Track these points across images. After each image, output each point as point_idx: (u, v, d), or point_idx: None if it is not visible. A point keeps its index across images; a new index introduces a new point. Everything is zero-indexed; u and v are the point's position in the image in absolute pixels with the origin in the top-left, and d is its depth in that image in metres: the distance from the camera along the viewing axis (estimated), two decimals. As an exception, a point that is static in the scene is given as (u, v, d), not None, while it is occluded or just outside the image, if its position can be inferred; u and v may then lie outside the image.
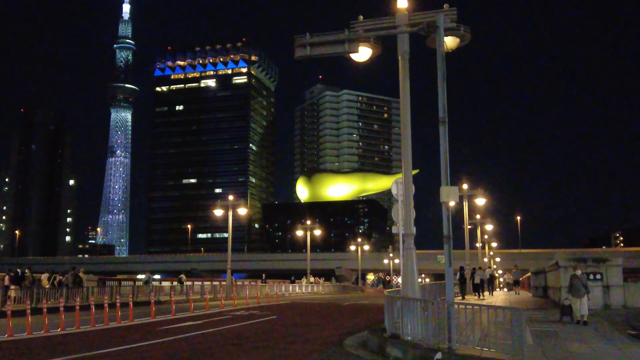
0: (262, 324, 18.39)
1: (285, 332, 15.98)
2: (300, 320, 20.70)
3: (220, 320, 19.81)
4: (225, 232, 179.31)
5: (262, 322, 19.05)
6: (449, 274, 11.07)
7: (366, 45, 13.19)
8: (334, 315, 23.04)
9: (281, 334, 15.60)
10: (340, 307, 29.14)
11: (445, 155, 11.09)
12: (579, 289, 16.33)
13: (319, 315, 23.49)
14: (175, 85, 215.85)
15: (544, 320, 17.43)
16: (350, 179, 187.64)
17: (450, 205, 11.10)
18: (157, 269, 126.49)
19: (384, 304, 13.15)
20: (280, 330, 16.67)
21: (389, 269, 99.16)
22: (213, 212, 51.85)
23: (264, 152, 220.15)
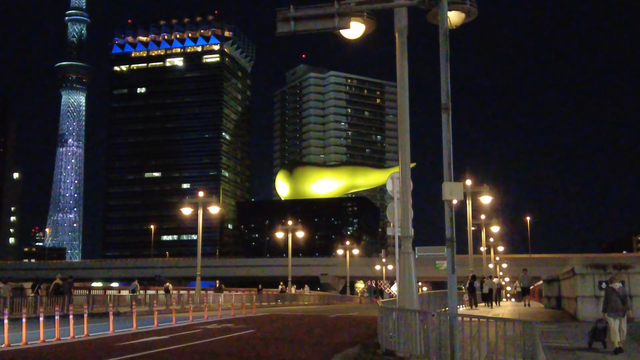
0: (237, 339, 18.38)
1: (264, 349, 15.97)
2: (282, 334, 20.71)
3: (190, 334, 19.77)
4: (194, 233, 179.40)
5: (238, 337, 19.04)
6: (452, 281, 11.12)
7: (359, 20, 13.17)
8: (319, 329, 23.08)
9: (259, 351, 15.59)
10: (327, 320, 29.20)
11: (448, 146, 11.14)
12: (617, 306, 14.06)
13: (302, 328, 23.52)
14: (136, 65, 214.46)
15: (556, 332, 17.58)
16: (337, 174, 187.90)
17: (453, 204, 11.16)
18: (114, 275, 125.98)
19: (377, 316, 13.19)
20: (258, 346, 16.66)
21: (381, 275, 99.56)
22: (180, 210, 51.76)
23: (239, 142, 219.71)
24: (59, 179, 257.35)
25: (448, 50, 11.52)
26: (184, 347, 16.23)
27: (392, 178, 15.48)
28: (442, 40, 11.52)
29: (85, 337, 18.58)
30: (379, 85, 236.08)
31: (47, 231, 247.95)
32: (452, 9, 12.50)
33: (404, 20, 13.28)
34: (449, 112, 11.33)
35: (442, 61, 11.44)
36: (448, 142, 11.15)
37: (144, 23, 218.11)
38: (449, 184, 10.97)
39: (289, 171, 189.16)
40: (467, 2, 12.74)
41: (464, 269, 34.99)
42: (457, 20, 12.82)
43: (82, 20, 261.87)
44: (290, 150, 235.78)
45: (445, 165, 11.09)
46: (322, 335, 20.56)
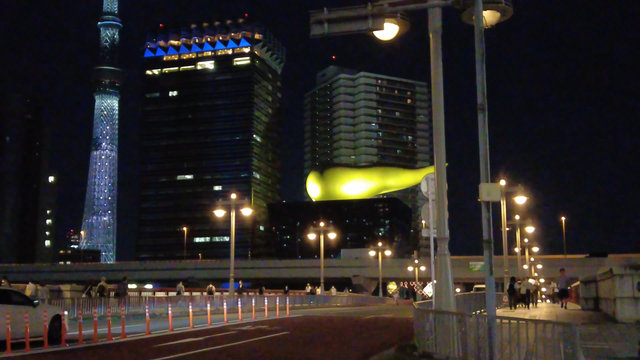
0: (272, 341, 18.46)
1: (299, 351, 16.02)
2: (316, 336, 20.75)
3: (225, 336, 19.91)
4: (226, 235, 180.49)
5: (272, 339, 19.12)
6: (491, 283, 11.04)
7: (392, 21, 13.17)
8: (354, 331, 23.07)
9: (294, 353, 15.63)
10: (361, 322, 29.17)
11: (484, 147, 11.06)
12: None
13: (336, 330, 23.53)
14: (168, 68, 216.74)
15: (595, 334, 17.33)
16: (368, 175, 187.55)
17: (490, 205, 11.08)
18: (148, 277, 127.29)
19: (413, 318, 13.14)
20: (293, 348, 16.71)
21: (413, 277, 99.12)
22: (213, 212, 52.04)
23: (270, 144, 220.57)
24: (93, 182, 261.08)
25: (484, 50, 11.46)
26: (219, 348, 16.35)
27: (427, 179, 15.42)
28: (478, 40, 11.46)
29: (123, 339, 18.83)
30: (410, 86, 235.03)
31: (82, 234, 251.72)
32: (487, 8, 12.45)
33: (438, 21, 13.23)
34: (485, 113, 11.26)
35: (478, 61, 11.37)
36: (484, 142, 11.08)
37: (175, 27, 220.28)
38: (486, 185, 10.89)
39: (320, 173, 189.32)
40: (502, 1, 12.67)
41: (499, 270, 34.73)
42: (492, 20, 12.76)
43: (114, 25, 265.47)
44: (320, 151, 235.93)
45: (482, 166, 11.01)
46: (356, 337, 20.54)
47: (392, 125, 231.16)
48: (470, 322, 11.05)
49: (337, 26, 13.26)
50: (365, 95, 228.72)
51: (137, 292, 44.79)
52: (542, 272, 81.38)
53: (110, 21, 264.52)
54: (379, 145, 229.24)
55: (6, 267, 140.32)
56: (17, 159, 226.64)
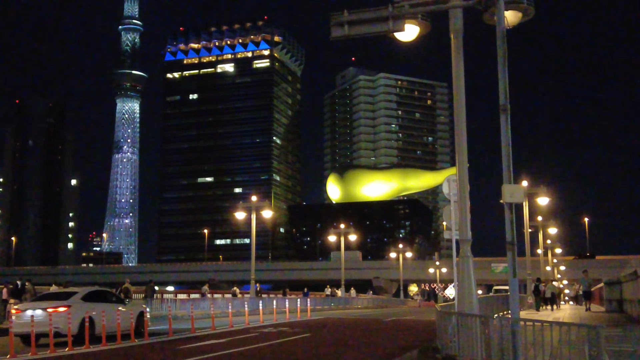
0: (294, 343, 18.49)
1: (321, 353, 16.03)
2: (338, 338, 20.75)
3: (247, 338, 19.97)
4: (246, 237, 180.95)
5: (294, 341, 19.15)
6: (514, 285, 10.97)
7: (413, 22, 13.15)
8: (376, 333, 23.05)
9: (316, 355, 15.65)
10: (382, 324, 29.13)
11: (507, 148, 11.00)
12: None
13: (358, 332, 23.52)
14: (188, 71, 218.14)
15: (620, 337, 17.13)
16: (388, 176, 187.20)
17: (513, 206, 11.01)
18: (169, 279, 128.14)
19: (435, 320, 13.09)
20: (315, 350, 16.73)
21: (434, 279, 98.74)
22: (233, 215, 52.22)
23: (290, 146, 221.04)
24: (115, 185, 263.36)
25: (506, 50, 11.41)
26: (241, 350, 16.41)
27: (449, 180, 15.34)
28: (500, 40, 11.41)
29: (145, 341, 18.97)
30: (430, 87, 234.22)
31: (104, 236, 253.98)
32: (509, 9, 12.39)
33: (460, 22, 13.17)
34: (507, 113, 11.20)
35: (500, 62, 11.33)
36: (507, 143, 11.02)
37: (195, 30, 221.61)
38: (509, 186, 10.83)
39: (340, 174, 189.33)
40: (524, 1, 12.60)
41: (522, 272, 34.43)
42: (514, 20, 12.70)
43: (135, 29, 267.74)
44: (340, 153, 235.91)
45: (505, 167, 10.95)
46: (378, 339, 20.51)
47: (412, 126, 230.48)
48: (494, 324, 10.98)
49: (357, 28, 13.27)
50: (385, 96, 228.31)
51: (160, 295, 45.15)
52: (565, 273, 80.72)
53: (131, 25, 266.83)
54: (399, 146, 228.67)
55: (30, 270, 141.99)
56: (40, 163, 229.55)
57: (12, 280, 31.37)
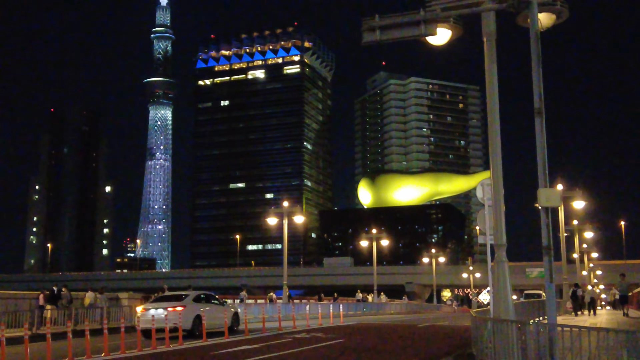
0: (327, 349, 18.47)
1: (354, 359, 15.99)
2: (371, 344, 20.67)
3: (280, 343, 20.01)
4: (278, 243, 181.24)
5: (328, 347, 19.12)
6: (550, 290, 10.84)
7: (445, 26, 13.08)
8: (409, 339, 22.92)
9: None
10: (416, 329, 28.96)
11: (542, 151, 10.89)
12: None
13: (392, 338, 23.41)
14: (219, 78, 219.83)
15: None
16: (420, 181, 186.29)
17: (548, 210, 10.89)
18: (202, 285, 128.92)
19: (469, 326, 12.98)
20: (349, 356, 16.69)
21: (468, 284, 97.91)
22: (265, 220, 52.41)
23: (321, 151, 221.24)
24: (148, 191, 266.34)
25: (539, 53, 11.31)
26: (275, 356, 16.45)
27: (483, 185, 15.22)
28: (534, 43, 11.32)
29: (179, 346, 19.13)
30: (462, 90, 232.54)
31: (138, 242, 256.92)
32: (543, 11, 12.28)
33: (492, 25, 13.09)
34: (542, 117, 11.10)
35: (534, 64, 11.23)
36: (542, 147, 10.91)
37: (226, 37, 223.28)
38: (545, 190, 10.72)
39: (371, 179, 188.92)
40: (557, 3, 12.48)
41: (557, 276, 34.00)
42: (547, 22, 12.58)
43: (167, 37, 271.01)
44: (372, 158, 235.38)
45: (540, 171, 10.84)
46: (412, 345, 20.39)
47: (444, 130, 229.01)
48: (530, 330, 10.86)
49: (389, 33, 13.24)
50: (416, 100, 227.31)
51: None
52: (602, 278, 79.42)
53: (163, 33, 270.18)
54: (430, 150, 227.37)
55: (66, 276, 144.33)
56: (75, 170, 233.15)
57: (48, 286, 31.87)
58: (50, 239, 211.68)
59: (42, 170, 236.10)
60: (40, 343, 19.87)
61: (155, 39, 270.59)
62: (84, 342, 16.93)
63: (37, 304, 28.81)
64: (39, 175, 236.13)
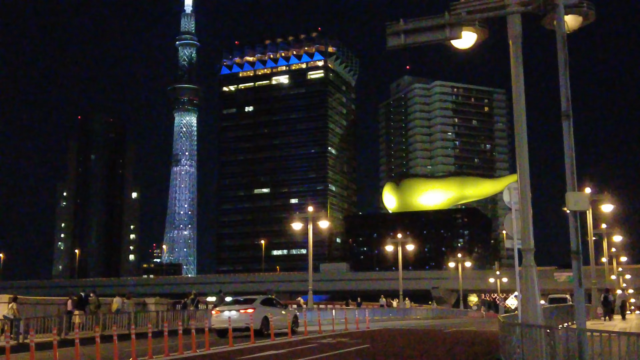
0: (353, 354, 18.42)
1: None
2: (397, 350, 20.58)
3: (306, 349, 20.01)
4: (303, 248, 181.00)
5: (354, 352, 19.07)
6: (580, 295, 10.73)
7: (470, 29, 13.05)
8: (436, 345, 22.78)
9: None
10: (443, 335, 28.78)
11: (570, 155, 10.80)
12: None
13: (418, 344, 23.28)
14: (243, 84, 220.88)
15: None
16: (445, 185, 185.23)
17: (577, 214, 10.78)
18: (228, 290, 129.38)
19: (496, 331, 12.88)
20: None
21: (495, 288, 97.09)
22: (290, 225, 52.52)
23: (345, 156, 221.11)
24: (174, 197, 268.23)
25: (566, 55, 11.22)
26: None
27: (510, 188, 15.09)
28: (560, 45, 11.23)
29: (206, 351, 19.21)
30: (487, 93, 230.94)
31: (164, 248, 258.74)
32: (569, 13, 12.18)
33: (518, 27, 12.99)
34: (569, 120, 11.00)
35: (561, 67, 11.14)
36: (570, 150, 10.81)
37: (250, 43, 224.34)
38: (573, 193, 10.61)
39: (396, 184, 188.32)
40: (584, 5, 12.38)
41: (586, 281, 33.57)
42: (574, 24, 12.49)
43: (192, 44, 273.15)
44: (396, 162, 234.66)
45: (568, 174, 10.74)
46: (439, 350, 20.26)
47: (470, 134, 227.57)
48: (559, 335, 10.75)
49: (414, 37, 13.23)
50: (440, 104, 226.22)
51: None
52: (630, 282, 78.33)
53: (188, 40, 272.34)
54: (456, 154, 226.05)
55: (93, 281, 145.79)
56: (102, 177, 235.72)
57: (76, 291, 32.24)
58: (78, 244, 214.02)
59: (70, 177, 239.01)
60: (69, 348, 20.11)
61: (180, 46, 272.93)
62: (112, 347, 17.09)
63: (65, 309, 29.15)
64: (67, 182, 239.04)
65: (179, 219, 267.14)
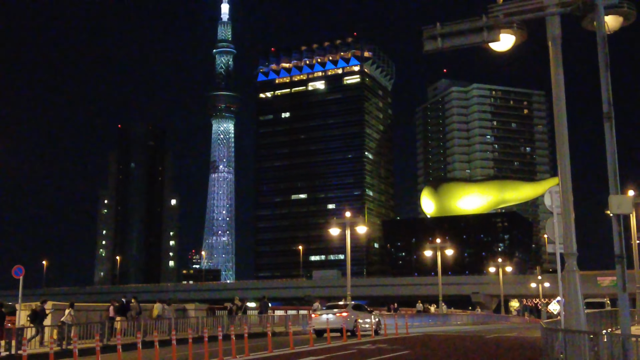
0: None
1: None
2: (438, 356, 20.45)
3: (345, 355, 20.00)
4: (341, 253, 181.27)
5: (393, 359, 19.00)
6: (624, 300, 10.53)
7: (508, 31, 12.93)
8: (477, 351, 22.55)
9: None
10: (484, 340, 28.48)
11: (612, 157, 10.64)
12: None
13: (459, 350, 23.08)
14: (280, 90, 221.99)
15: None
16: (485, 189, 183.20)
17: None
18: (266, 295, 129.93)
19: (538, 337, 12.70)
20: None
21: (537, 293, 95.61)
22: (327, 231, 52.55)
23: (382, 161, 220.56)
24: (212, 203, 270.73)
25: (607, 56, 11.06)
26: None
27: (551, 192, 14.88)
28: (600, 46, 11.08)
29: (245, 357, 19.34)
30: (526, 95, 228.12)
31: (203, 254, 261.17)
32: (609, 13, 12.01)
33: (557, 29, 12.82)
34: (611, 121, 10.83)
35: (602, 68, 10.99)
36: (612, 152, 10.65)
37: (286, 50, 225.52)
38: (616, 197, 10.44)
39: (434, 188, 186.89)
40: (624, 5, 12.18)
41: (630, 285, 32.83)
42: (614, 25, 12.30)
43: (228, 52, 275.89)
44: (434, 166, 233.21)
45: (611, 177, 10.58)
46: (481, 357, 20.05)
47: (509, 136, 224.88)
48: (603, 341, 10.57)
49: (450, 40, 13.17)
50: (478, 107, 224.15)
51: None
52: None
53: (225, 48, 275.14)
54: (495, 157, 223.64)
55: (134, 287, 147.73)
56: (142, 184, 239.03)
57: (117, 298, 32.74)
58: (119, 251, 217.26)
59: (111, 185, 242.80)
60: (111, 354, 20.43)
61: (217, 54, 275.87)
62: (153, 352, 17.32)
63: (107, 315, 29.64)
64: (108, 190, 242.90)
65: (217, 225, 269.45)
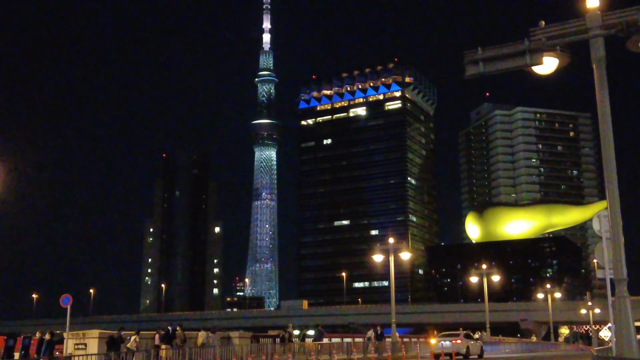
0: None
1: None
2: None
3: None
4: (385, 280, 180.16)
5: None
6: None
7: (551, 54, 12.81)
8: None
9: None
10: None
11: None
12: None
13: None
14: (321, 117, 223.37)
15: None
16: (531, 213, 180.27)
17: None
18: (310, 323, 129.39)
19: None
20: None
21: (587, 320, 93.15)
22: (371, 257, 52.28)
23: (425, 186, 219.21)
24: (256, 231, 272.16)
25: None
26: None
27: (600, 216, 14.58)
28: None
29: None
30: (572, 118, 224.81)
31: (247, 281, 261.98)
32: (655, 34, 11.81)
33: (602, 51, 12.66)
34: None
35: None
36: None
37: (327, 77, 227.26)
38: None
39: (479, 213, 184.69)
40: (671, 25, 11.96)
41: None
42: (661, 45, 12.07)
43: (270, 81, 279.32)
44: (478, 191, 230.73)
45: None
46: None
47: (555, 160, 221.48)
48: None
49: (492, 64, 13.10)
50: (523, 130, 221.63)
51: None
52: None
53: (267, 77, 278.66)
54: (540, 181, 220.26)
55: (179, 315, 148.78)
56: (186, 212, 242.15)
57: (163, 325, 33.01)
58: (164, 279, 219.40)
59: (156, 214, 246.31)
60: None
61: (259, 83, 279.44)
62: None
63: (153, 343, 29.90)
64: (153, 218, 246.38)
65: (260, 252, 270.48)
